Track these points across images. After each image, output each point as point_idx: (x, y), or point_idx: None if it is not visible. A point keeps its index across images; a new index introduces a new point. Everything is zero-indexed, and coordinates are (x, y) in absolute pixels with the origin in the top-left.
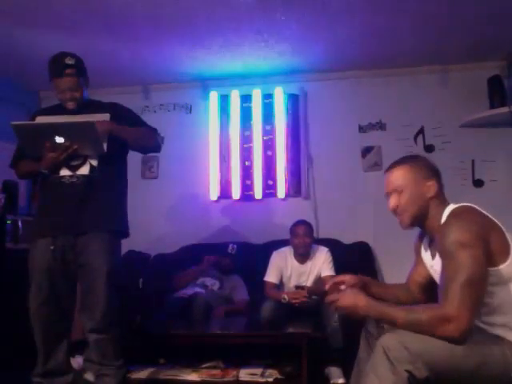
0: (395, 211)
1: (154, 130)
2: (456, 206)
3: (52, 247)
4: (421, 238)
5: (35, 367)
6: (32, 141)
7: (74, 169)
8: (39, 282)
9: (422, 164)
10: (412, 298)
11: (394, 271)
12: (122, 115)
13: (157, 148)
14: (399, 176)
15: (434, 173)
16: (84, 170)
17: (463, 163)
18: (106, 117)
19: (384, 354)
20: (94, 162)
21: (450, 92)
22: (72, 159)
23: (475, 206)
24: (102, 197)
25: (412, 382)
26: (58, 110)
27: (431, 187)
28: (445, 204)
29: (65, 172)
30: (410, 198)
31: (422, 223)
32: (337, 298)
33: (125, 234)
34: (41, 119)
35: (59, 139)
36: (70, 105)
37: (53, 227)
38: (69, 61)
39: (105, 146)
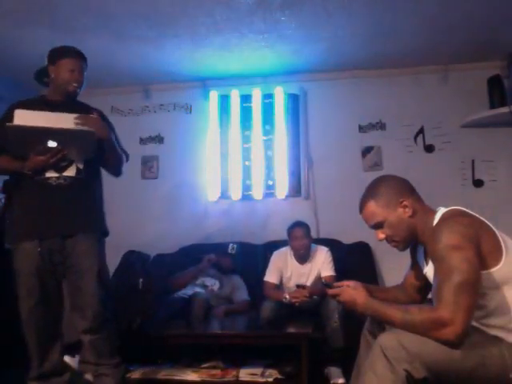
0: (386, 241)
1: (126, 156)
2: (445, 210)
3: (39, 249)
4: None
5: (30, 371)
6: (22, 141)
7: (60, 170)
8: (29, 285)
9: (385, 191)
10: (410, 298)
11: (394, 271)
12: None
13: (118, 173)
14: (370, 214)
15: (402, 191)
16: (70, 172)
17: (463, 163)
18: (69, 118)
19: (382, 352)
20: (80, 165)
21: (450, 92)
22: (60, 162)
23: (465, 209)
24: (87, 198)
25: (410, 381)
26: (39, 103)
27: (406, 208)
28: (432, 212)
29: (51, 173)
30: (393, 227)
31: (415, 239)
32: (338, 292)
33: (107, 233)
34: (21, 113)
35: (52, 143)
36: (73, 87)
37: (40, 229)
38: (81, 52)
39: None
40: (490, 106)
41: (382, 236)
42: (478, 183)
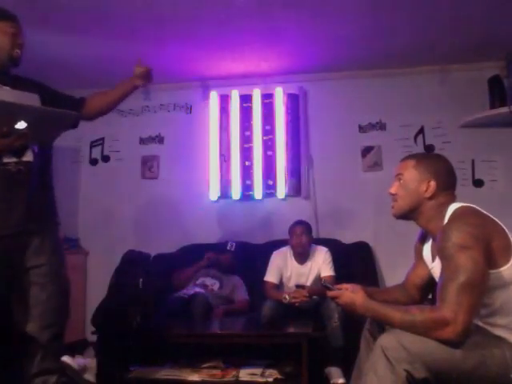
0: (392, 196)
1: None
2: (458, 206)
3: None
4: (422, 238)
5: None
6: None
7: (19, 155)
8: None
9: (430, 164)
10: (410, 298)
11: (394, 271)
12: (51, 94)
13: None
14: (404, 167)
15: (440, 176)
16: (28, 157)
17: (463, 163)
18: (35, 97)
19: (383, 353)
20: (36, 148)
21: (450, 92)
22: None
23: (477, 207)
24: (47, 188)
25: (411, 382)
26: None
27: (429, 188)
28: (446, 204)
29: (9, 158)
30: (406, 192)
31: (412, 218)
32: (337, 295)
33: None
34: None
35: (22, 124)
36: (16, 52)
37: (1, 225)
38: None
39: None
40: (490, 106)
41: (393, 190)
42: (478, 183)
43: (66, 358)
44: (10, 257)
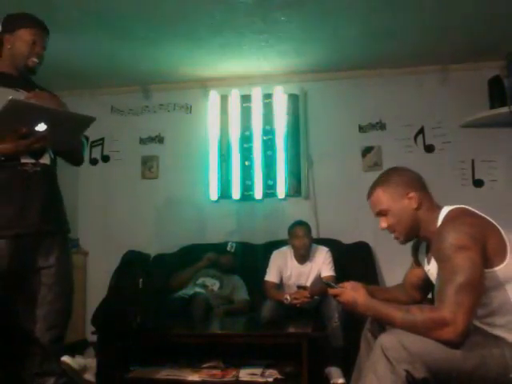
0: (388, 230)
1: (86, 139)
2: (450, 208)
3: (10, 248)
4: (418, 240)
5: None
6: (9, 120)
7: (37, 156)
8: None
9: (394, 181)
10: (411, 297)
11: (394, 271)
12: None
13: (82, 160)
14: (377, 201)
15: (411, 184)
16: (45, 159)
17: (463, 163)
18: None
19: (383, 353)
20: (52, 153)
21: (450, 92)
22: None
23: (470, 208)
24: (59, 192)
25: (411, 382)
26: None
27: (412, 199)
28: (437, 208)
29: (27, 159)
30: (396, 216)
31: (417, 234)
32: (338, 292)
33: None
34: None
35: (42, 126)
36: (33, 62)
37: (14, 224)
38: (44, 23)
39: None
40: (490, 106)
41: (384, 225)
42: (478, 183)
43: (65, 358)
44: (23, 257)
